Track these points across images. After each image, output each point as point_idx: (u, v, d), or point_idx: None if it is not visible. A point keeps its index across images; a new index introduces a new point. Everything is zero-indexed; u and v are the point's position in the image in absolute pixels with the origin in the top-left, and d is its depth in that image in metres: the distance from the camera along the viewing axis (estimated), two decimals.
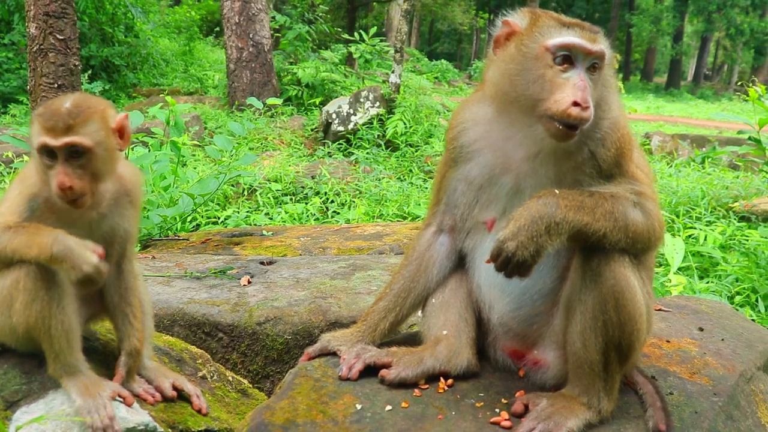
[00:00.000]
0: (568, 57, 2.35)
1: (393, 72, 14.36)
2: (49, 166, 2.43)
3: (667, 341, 3.20)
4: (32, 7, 9.09)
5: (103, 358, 2.82)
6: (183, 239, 5.89)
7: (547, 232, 2.30)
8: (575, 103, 2.28)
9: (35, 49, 9.23)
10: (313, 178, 10.06)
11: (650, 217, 2.48)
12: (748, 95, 7.21)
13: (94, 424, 2.48)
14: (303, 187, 9.75)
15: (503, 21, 2.53)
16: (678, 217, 7.82)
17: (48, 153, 2.42)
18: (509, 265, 2.32)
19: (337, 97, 15.72)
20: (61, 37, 9.22)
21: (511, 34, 2.49)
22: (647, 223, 2.47)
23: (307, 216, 8.72)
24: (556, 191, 2.38)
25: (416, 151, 12.61)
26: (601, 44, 2.40)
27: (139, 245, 5.70)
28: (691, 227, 7.40)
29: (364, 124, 13.72)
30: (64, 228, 2.44)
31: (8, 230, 2.42)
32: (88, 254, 2.36)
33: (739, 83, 11.36)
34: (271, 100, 7.02)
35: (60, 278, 2.49)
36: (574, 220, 2.33)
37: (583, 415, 2.48)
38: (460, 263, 2.89)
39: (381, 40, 18.60)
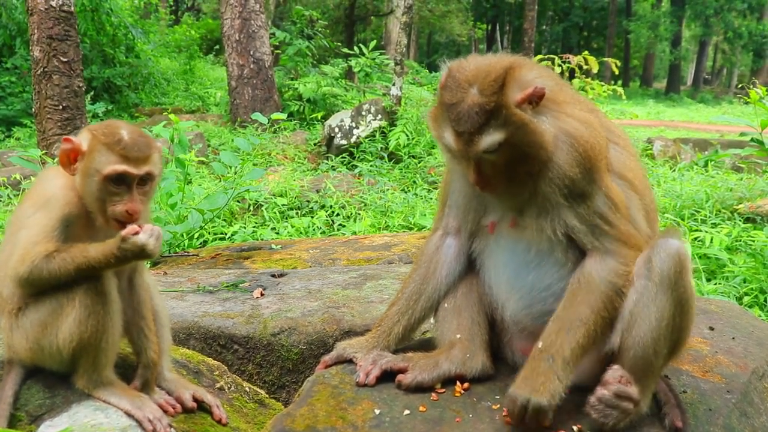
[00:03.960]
0: None
1: (394, 84, 14.45)
2: (114, 192, 2.55)
3: None
4: (36, 31, 9.21)
5: (123, 371, 2.86)
6: (192, 255, 5.93)
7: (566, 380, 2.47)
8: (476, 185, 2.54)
9: (39, 71, 9.34)
10: (317, 191, 10.11)
11: (627, 266, 2.55)
12: (749, 97, 7.25)
13: (147, 416, 2.61)
14: (308, 201, 9.80)
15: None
16: (683, 219, 7.84)
17: (118, 180, 2.54)
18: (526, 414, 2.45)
19: (338, 111, 15.80)
20: (64, 60, 9.34)
21: None
22: (619, 269, 2.55)
23: (314, 229, 8.76)
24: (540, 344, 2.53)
25: (419, 163, 12.66)
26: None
27: (149, 262, 5.74)
28: (696, 230, 7.42)
29: (366, 137, 13.80)
30: (87, 242, 2.54)
31: (52, 257, 2.48)
32: (148, 234, 2.48)
33: (740, 86, 11.41)
34: (275, 115, 7.09)
35: (113, 294, 2.60)
36: (574, 353, 2.48)
37: (626, 422, 2.52)
38: (470, 267, 2.93)
39: (380, 53, 18.70)
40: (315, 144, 14.79)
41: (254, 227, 8.69)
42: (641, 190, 2.70)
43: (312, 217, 9.17)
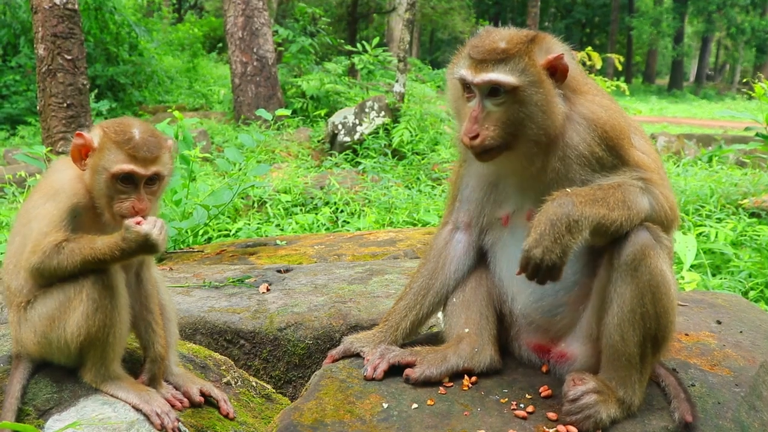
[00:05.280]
0: (468, 87, 2.53)
1: (397, 81, 14.41)
2: (122, 191, 2.56)
3: (686, 334, 3.22)
4: (40, 29, 9.20)
5: (131, 366, 2.86)
6: (198, 251, 5.94)
7: (568, 231, 2.35)
8: (466, 134, 2.50)
9: (44, 69, 9.33)
10: (322, 188, 10.10)
11: (659, 201, 2.54)
12: (753, 91, 7.24)
13: (155, 410, 2.62)
14: (312, 198, 9.80)
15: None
16: (688, 214, 7.84)
17: (125, 179, 2.54)
18: (540, 271, 2.38)
19: (342, 108, 15.77)
20: (69, 57, 9.33)
21: None
22: (656, 207, 2.53)
23: (318, 226, 8.76)
24: (568, 190, 2.44)
25: (423, 159, 12.64)
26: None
27: (155, 258, 5.73)
28: (701, 225, 7.42)
29: (370, 134, 13.77)
30: (96, 232, 2.56)
31: (61, 247, 2.49)
32: (152, 225, 2.47)
33: (744, 80, 11.38)
34: (280, 111, 7.06)
35: (120, 288, 2.60)
36: (591, 214, 2.38)
37: (615, 411, 2.52)
38: (479, 261, 2.93)
39: (383, 50, 18.67)
40: (318, 141, 14.77)
41: (258, 224, 8.69)
42: (662, 174, 2.70)
43: (316, 213, 9.16)
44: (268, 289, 4.09)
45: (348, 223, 8.94)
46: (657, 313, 2.50)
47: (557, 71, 2.49)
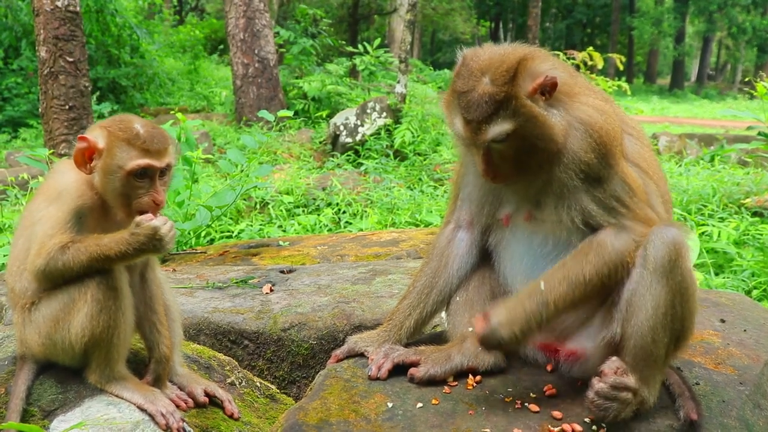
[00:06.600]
0: None
1: (398, 82, 14.43)
2: (138, 186, 2.58)
3: None
4: (42, 31, 9.23)
5: (135, 366, 2.87)
6: (201, 252, 5.93)
7: (538, 326, 2.54)
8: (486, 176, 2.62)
9: (46, 72, 9.35)
10: (324, 189, 10.11)
11: (630, 238, 2.56)
12: (755, 90, 7.23)
13: (160, 410, 2.63)
14: (315, 199, 9.81)
15: None
16: (690, 214, 7.84)
17: (141, 174, 2.56)
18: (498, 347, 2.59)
19: (343, 110, 15.78)
20: (70, 60, 9.35)
21: None
22: (627, 244, 2.56)
23: (320, 227, 8.77)
24: (542, 285, 2.52)
25: (425, 160, 12.66)
26: None
27: (160, 257, 5.73)
28: (703, 224, 7.41)
29: (371, 135, 13.78)
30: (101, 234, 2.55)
31: (67, 248, 2.49)
32: (162, 221, 2.49)
33: (746, 80, 11.39)
34: (282, 112, 7.05)
35: (125, 289, 2.61)
36: (561, 305, 2.53)
37: (635, 408, 2.52)
38: (482, 260, 2.93)
39: (385, 52, 18.70)
40: (320, 142, 14.78)
41: (261, 225, 8.70)
42: (656, 179, 2.70)
43: (318, 214, 9.17)
44: (271, 290, 4.09)
45: (350, 224, 8.94)
46: (684, 314, 2.52)
47: (546, 89, 2.48)
